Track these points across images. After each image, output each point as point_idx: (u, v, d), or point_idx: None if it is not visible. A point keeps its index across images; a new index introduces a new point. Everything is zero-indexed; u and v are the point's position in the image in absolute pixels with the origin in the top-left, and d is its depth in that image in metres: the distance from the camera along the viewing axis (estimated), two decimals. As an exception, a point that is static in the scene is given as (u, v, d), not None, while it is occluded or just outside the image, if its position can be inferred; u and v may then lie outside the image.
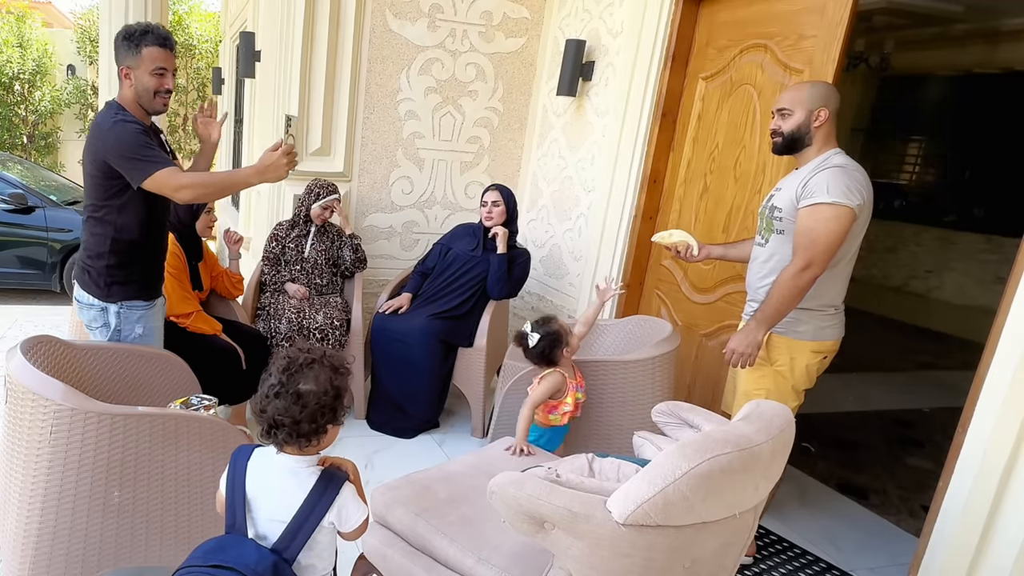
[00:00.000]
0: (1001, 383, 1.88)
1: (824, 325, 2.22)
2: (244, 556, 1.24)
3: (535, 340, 2.33)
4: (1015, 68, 6.67)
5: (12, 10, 11.88)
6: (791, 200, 2.14)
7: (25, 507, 1.68)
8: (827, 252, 2.05)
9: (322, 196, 3.44)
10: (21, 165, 7.28)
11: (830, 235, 2.04)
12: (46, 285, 6.06)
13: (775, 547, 2.62)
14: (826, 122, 2.14)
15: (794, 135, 2.17)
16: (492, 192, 3.39)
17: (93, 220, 2.14)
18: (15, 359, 1.74)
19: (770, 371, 2.26)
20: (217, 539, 1.31)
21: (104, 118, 2.07)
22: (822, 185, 2.05)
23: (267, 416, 1.27)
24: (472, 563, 1.63)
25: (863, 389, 4.76)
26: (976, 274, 6.88)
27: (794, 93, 2.18)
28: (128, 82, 2.08)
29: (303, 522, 1.29)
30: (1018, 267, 1.91)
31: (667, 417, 1.95)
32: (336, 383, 1.30)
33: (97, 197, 2.10)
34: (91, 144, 2.08)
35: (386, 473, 1.70)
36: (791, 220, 2.14)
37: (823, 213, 2.04)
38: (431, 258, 3.55)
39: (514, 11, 4.05)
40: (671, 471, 1.26)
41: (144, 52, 2.04)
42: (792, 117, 2.16)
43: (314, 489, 1.31)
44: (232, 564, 1.22)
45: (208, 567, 1.23)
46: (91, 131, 2.11)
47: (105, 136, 2.01)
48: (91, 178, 2.09)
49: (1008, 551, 1.85)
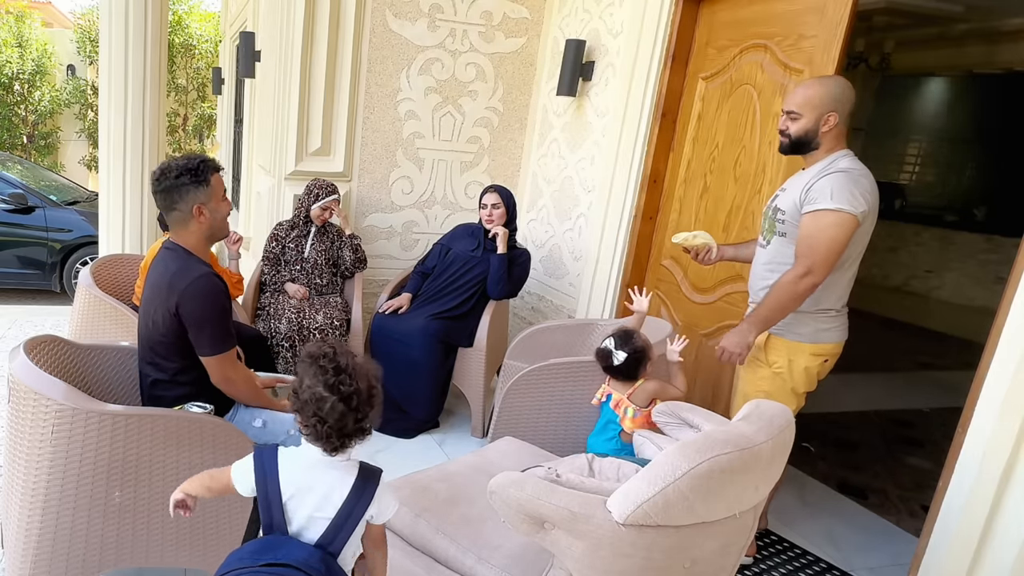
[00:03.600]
0: (1001, 383, 1.88)
1: (824, 328, 2.20)
2: (293, 553, 1.24)
3: (622, 358, 2.26)
4: (1015, 68, 6.67)
5: (12, 10, 11.87)
6: (795, 203, 2.10)
7: (27, 507, 1.68)
8: (828, 260, 2.03)
9: (321, 197, 3.44)
10: (21, 165, 7.28)
11: (831, 243, 2.01)
12: (46, 285, 6.07)
13: (775, 547, 2.62)
14: (835, 127, 2.10)
15: (801, 139, 2.13)
16: (491, 195, 3.38)
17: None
18: (18, 358, 1.75)
19: (768, 373, 2.24)
20: (260, 540, 1.31)
21: (187, 269, 1.89)
22: (826, 191, 2.01)
23: (325, 426, 1.23)
24: (472, 563, 1.63)
25: (863, 389, 4.76)
26: (976, 274, 6.88)
27: (806, 94, 2.12)
28: (202, 219, 1.93)
29: (348, 516, 1.29)
30: (1018, 267, 1.91)
31: (667, 417, 1.96)
32: (371, 379, 1.28)
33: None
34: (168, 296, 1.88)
35: (386, 473, 1.69)
36: (794, 223, 2.12)
37: (825, 220, 2.00)
38: (431, 258, 3.55)
39: (514, 11, 4.05)
40: (671, 471, 1.26)
41: (212, 181, 1.93)
42: (800, 121, 2.12)
43: (355, 483, 1.30)
44: (286, 561, 1.22)
45: (262, 567, 1.23)
46: (163, 281, 1.89)
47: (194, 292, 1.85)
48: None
49: (1008, 551, 1.85)
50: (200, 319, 1.86)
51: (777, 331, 2.20)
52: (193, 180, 1.89)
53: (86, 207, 6.37)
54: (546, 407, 2.55)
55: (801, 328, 2.18)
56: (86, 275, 2.94)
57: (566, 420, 2.55)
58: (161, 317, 1.89)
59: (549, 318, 4.04)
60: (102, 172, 4.42)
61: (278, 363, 3.24)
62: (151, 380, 2.00)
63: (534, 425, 2.54)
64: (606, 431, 2.33)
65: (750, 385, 2.29)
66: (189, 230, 1.95)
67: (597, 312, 3.56)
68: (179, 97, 12.50)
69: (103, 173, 4.40)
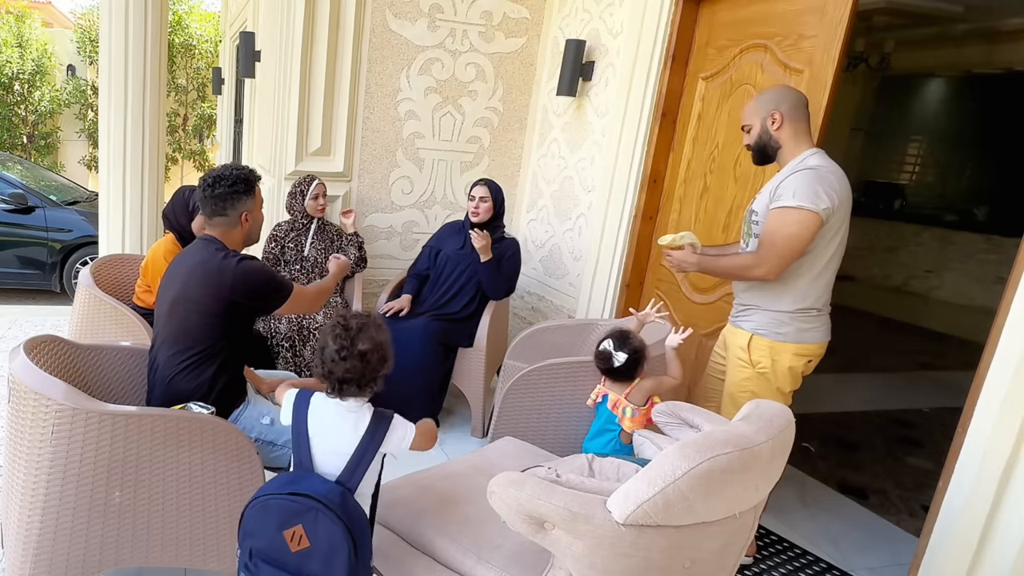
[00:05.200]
0: (1001, 383, 1.88)
1: (806, 328, 2.20)
2: (315, 487, 1.45)
3: (622, 359, 2.26)
4: (1015, 68, 6.68)
5: (12, 10, 11.87)
6: (766, 204, 2.14)
7: (27, 507, 1.68)
8: (784, 256, 2.06)
9: (307, 189, 3.44)
10: (21, 165, 7.28)
11: (789, 240, 2.04)
12: (46, 285, 6.06)
13: (775, 547, 2.62)
14: (784, 123, 2.14)
15: (761, 146, 2.20)
16: (480, 187, 3.35)
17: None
18: (18, 358, 1.74)
19: (752, 373, 2.25)
20: (288, 474, 1.54)
21: (231, 254, 2.02)
22: (790, 189, 2.05)
23: (335, 376, 1.49)
24: (472, 563, 1.63)
25: (863, 389, 4.76)
26: (976, 274, 6.88)
27: (748, 107, 2.23)
28: (246, 225, 2.08)
29: (363, 454, 1.51)
30: (1018, 267, 1.91)
31: (667, 417, 1.96)
32: (382, 338, 1.52)
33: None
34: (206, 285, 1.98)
35: (386, 473, 1.71)
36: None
37: (787, 217, 2.04)
38: (422, 261, 3.52)
39: (514, 11, 4.05)
40: (671, 471, 1.26)
41: (257, 190, 2.09)
42: (753, 131, 2.21)
43: (368, 427, 1.53)
44: (308, 492, 1.43)
45: (286, 495, 1.44)
46: (211, 265, 1.99)
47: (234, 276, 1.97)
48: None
49: (1008, 551, 1.85)
50: (258, 289, 2.01)
51: (760, 331, 2.22)
52: (246, 189, 2.05)
53: (86, 207, 6.37)
54: (546, 407, 2.55)
55: (783, 328, 2.19)
56: (86, 275, 2.93)
57: (566, 420, 2.55)
58: (210, 297, 1.96)
59: (549, 318, 4.04)
60: (102, 172, 4.42)
61: (278, 363, 3.24)
62: (177, 370, 2.01)
63: (534, 425, 2.53)
64: (603, 434, 2.31)
65: (736, 386, 2.29)
66: (231, 234, 2.08)
67: (597, 312, 3.56)
68: (179, 97, 12.49)
69: (103, 173, 4.40)
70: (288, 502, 1.43)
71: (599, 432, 2.33)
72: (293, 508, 1.43)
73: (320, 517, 1.41)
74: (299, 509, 1.42)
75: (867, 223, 7.91)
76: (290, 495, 1.44)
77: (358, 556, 1.43)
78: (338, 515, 1.41)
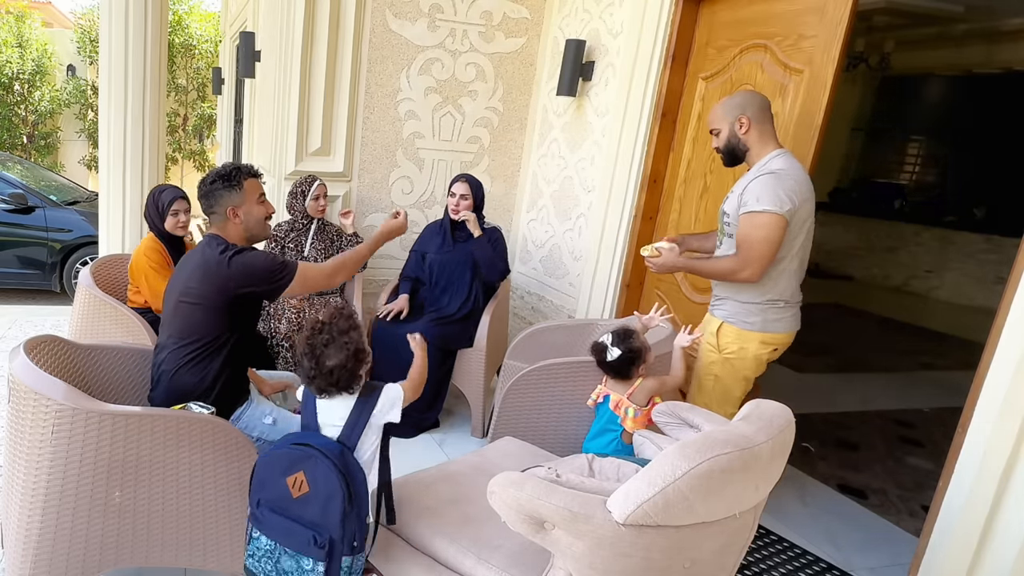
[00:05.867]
0: (1001, 383, 1.88)
1: (773, 318, 2.31)
2: (317, 439, 1.64)
3: (615, 355, 2.28)
4: (1015, 68, 6.68)
5: (12, 10, 11.87)
6: (736, 206, 2.25)
7: (27, 507, 1.69)
8: (761, 259, 2.17)
9: (308, 190, 3.45)
10: (21, 165, 7.28)
11: (762, 243, 2.16)
12: (46, 285, 6.07)
13: (775, 547, 2.62)
14: (751, 126, 2.26)
15: (730, 148, 2.32)
16: (461, 184, 3.35)
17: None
18: (18, 358, 1.75)
19: (719, 358, 2.38)
20: (295, 433, 1.73)
21: (230, 247, 2.04)
22: (755, 194, 2.17)
23: (316, 387, 1.65)
24: (472, 563, 1.63)
25: (863, 389, 4.76)
26: (976, 274, 6.88)
27: (715, 112, 2.35)
28: (237, 220, 2.10)
29: (358, 417, 1.66)
30: (1018, 267, 1.91)
31: (667, 417, 1.96)
32: (352, 345, 1.63)
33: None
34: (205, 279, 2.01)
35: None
36: (736, 225, 2.26)
37: (756, 221, 2.16)
38: (410, 266, 3.52)
39: (514, 11, 4.05)
40: (671, 471, 1.26)
41: (246, 185, 2.10)
42: (721, 134, 2.32)
43: (360, 395, 1.68)
44: (309, 442, 1.62)
45: (290, 445, 1.63)
46: (212, 258, 2.02)
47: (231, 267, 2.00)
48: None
49: (1008, 551, 1.85)
50: (256, 274, 2.02)
51: (730, 320, 2.35)
52: (225, 185, 2.07)
53: (86, 207, 6.37)
54: (546, 407, 2.55)
55: (751, 318, 2.31)
56: (86, 275, 2.94)
57: (566, 420, 2.55)
58: (212, 289, 1.99)
59: (549, 318, 4.04)
60: (102, 172, 4.42)
61: (278, 363, 3.24)
62: (180, 364, 2.02)
63: (534, 425, 2.54)
64: (604, 434, 2.30)
65: (703, 369, 2.44)
66: (227, 231, 2.10)
67: (597, 312, 3.56)
68: (179, 97, 12.48)
69: (103, 173, 4.40)
70: (292, 450, 1.62)
71: (600, 432, 2.32)
72: (296, 455, 1.61)
73: (319, 464, 1.58)
74: (301, 456, 1.60)
75: (867, 223, 7.92)
76: (293, 444, 1.63)
77: (352, 505, 1.58)
78: (335, 463, 1.57)
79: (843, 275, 8.03)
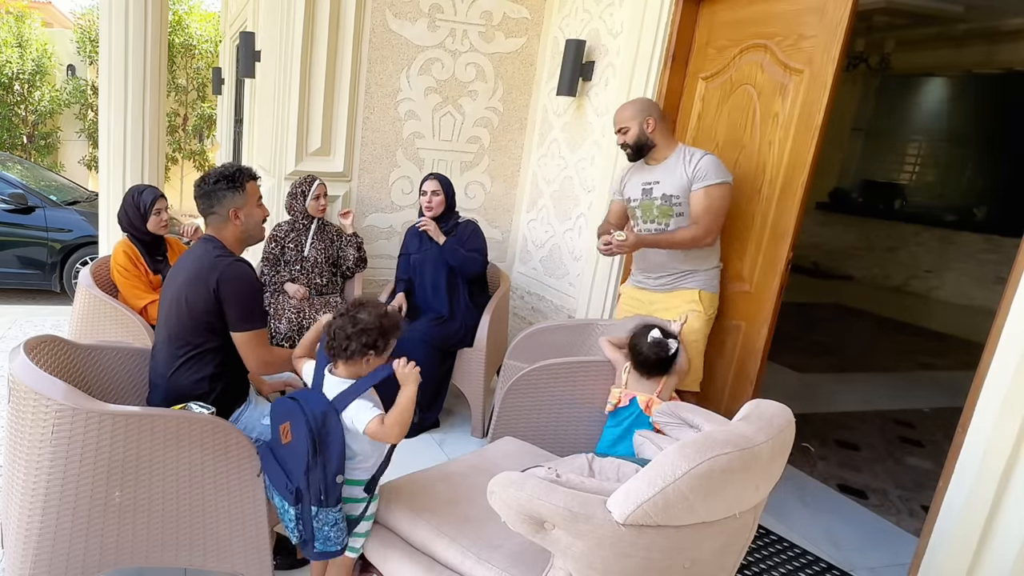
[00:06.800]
0: (1001, 383, 1.88)
1: (717, 282, 2.74)
2: (311, 399, 1.75)
3: (674, 347, 2.30)
4: (1015, 68, 6.68)
5: (12, 10, 11.86)
6: (684, 187, 2.58)
7: (27, 507, 1.69)
8: (719, 225, 2.59)
9: (308, 190, 3.45)
10: (21, 165, 7.28)
11: (721, 211, 2.56)
12: (46, 285, 6.07)
13: (775, 547, 2.62)
14: (657, 126, 2.65)
15: (639, 144, 2.68)
16: (431, 181, 3.38)
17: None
18: (18, 358, 1.75)
19: (703, 318, 2.68)
20: (304, 389, 1.90)
21: (227, 255, 2.03)
22: (710, 169, 2.53)
23: (336, 344, 1.75)
24: (472, 563, 1.63)
25: (863, 389, 4.76)
26: (976, 274, 6.88)
27: (624, 113, 2.70)
28: (237, 222, 2.08)
29: (346, 395, 1.73)
30: (1018, 267, 1.91)
31: (667, 417, 1.96)
32: (384, 322, 1.76)
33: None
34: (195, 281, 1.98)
35: (386, 473, 1.71)
36: (687, 203, 2.58)
37: (718, 192, 2.53)
38: (401, 268, 3.56)
39: (514, 11, 4.05)
40: (671, 471, 1.26)
41: (248, 187, 2.09)
42: (631, 132, 2.68)
43: (356, 383, 1.77)
44: (299, 398, 1.75)
45: (288, 397, 1.79)
46: (205, 262, 1.99)
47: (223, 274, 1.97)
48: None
49: (1008, 551, 1.85)
50: (236, 295, 1.99)
51: (704, 288, 2.69)
52: (229, 186, 2.05)
53: (86, 207, 6.37)
54: (546, 407, 2.55)
55: (713, 282, 2.72)
56: (86, 275, 2.94)
57: (566, 420, 2.55)
58: (199, 296, 1.98)
59: (549, 318, 4.04)
60: (102, 172, 4.42)
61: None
62: (175, 366, 2.02)
63: (534, 425, 2.54)
64: (628, 438, 2.24)
65: (696, 333, 2.69)
66: (225, 232, 2.09)
67: (597, 312, 3.56)
68: (179, 97, 12.47)
69: (103, 173, 4.40)
70: (287, 401, 1.78)
71: (623, 436, 2.29)
72: (288, 407, 1.76)
73: (299, 418, 1.71)
74: (291, 409, 1.74)
75: (867, 223, 7.92)
76: (290, 398, 1.78)
77: (316, 459, 1.67)
78: (308, 419, 1.68)
79: (843, 275, 8.03)
